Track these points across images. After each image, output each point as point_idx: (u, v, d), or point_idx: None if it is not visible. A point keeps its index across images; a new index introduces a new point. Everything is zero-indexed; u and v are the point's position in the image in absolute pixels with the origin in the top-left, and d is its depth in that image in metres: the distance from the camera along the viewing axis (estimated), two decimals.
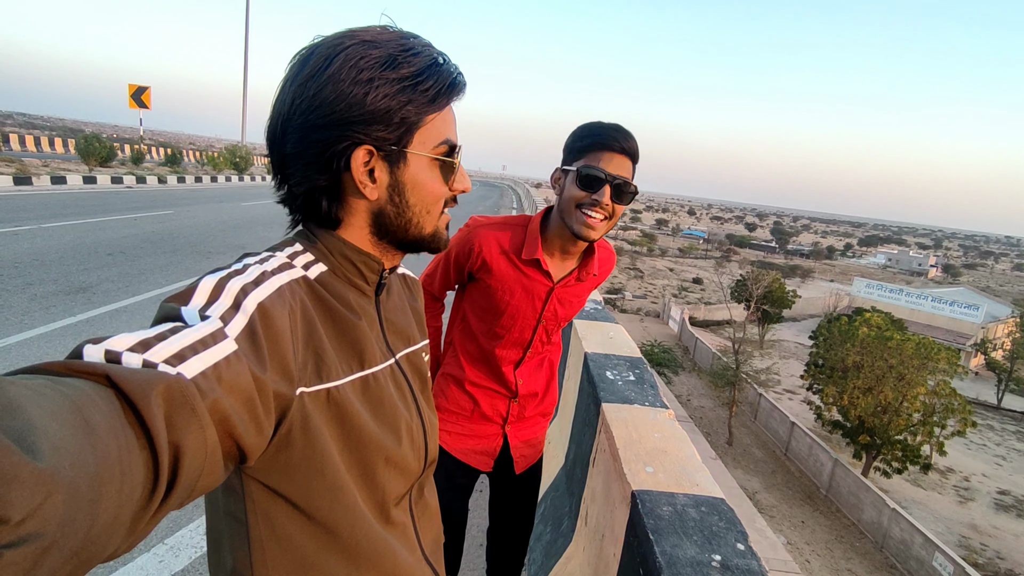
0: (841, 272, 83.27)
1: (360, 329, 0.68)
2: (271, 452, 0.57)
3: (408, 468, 0.72)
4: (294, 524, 0.62)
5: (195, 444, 0.43)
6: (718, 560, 1.11)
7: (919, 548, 17.03)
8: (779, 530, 18.03)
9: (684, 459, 1.56)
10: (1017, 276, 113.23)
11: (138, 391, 0.39)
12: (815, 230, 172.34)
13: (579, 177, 1.29)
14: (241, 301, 0.53)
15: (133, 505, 0.37)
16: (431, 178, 0.69)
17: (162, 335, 0.46)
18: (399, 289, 0.84)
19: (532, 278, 1.40)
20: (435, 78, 0.66)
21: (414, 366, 0.80)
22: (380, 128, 0.64)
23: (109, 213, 10.48)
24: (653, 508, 1.28)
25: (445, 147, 0.69)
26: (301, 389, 0.58)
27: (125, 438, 0.37)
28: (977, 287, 73.19)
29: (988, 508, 22.15)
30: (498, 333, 1.45)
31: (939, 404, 22.27)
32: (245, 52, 27.20)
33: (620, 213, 1.33)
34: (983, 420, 29.01)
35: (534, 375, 1.55)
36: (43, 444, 0.30)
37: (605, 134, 1.28)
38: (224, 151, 25.88)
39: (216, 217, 11.83)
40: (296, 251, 0.66)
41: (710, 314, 46.03)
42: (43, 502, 0.29)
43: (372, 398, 0.68)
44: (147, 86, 20.27)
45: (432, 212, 0.70)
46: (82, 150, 17.91)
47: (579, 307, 1.52)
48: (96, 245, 7.52)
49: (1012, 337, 38.43)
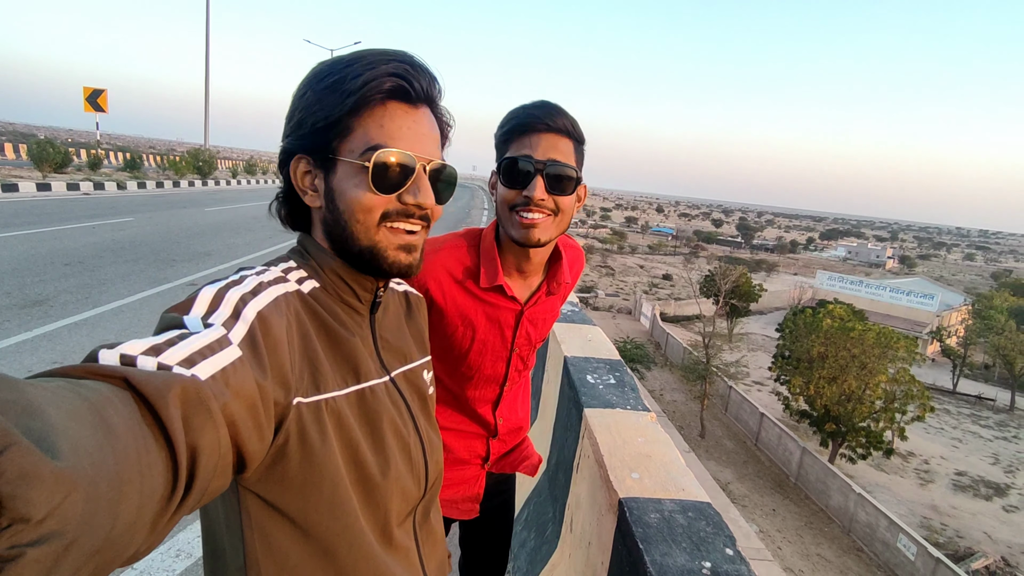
0: (804, 265, 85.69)
1: (353, 344, 0.68)
2: (267, 463, 0.57)
3: (407, 489, 0.71)
4: (291, 541, 0.61)
5: (211, 445, 0.43)
6: (708, 567, 1.12)
7: (884, 531, 17.66)
8: (751, 519, 18.46)
9: (669, 463, 1.58)
10: (968, 265, 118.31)
11: (156, 393, 0.40)
12: (779, 225, 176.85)
13: (504, 173, 1.06)
14: (241, 310, 0.54)
15: (154, 505, 0.38)
16: (356, 184, 0.65)
17: (171, 341, 0.47)
18: (396, 307, 0.83)
19: (497, 305, 1.17)
20: (355, 80, 0.63)
21: (412, 384, 0.79)
22: (309, 137, 0.66)
23: (65, 221, 10.05)
24: (641, 516, 1.29)
25: (371, 153, 0.65)
26: (298, 399, 0.58)
27: (143, 439, 0.38)
28: (931, 277, 76.22)
29: (947, 489, 23.12)
30: (466, 374, 1.22)
31: (899, 391, 23.17)
32: (206, 53, 26.44)
33: (569, 207, 1.09)
34: (940, 405, 30.23)
35: (515, 409, 1.35)
36: (63, 444, 0.30)
37: (524, 114, 1.05)
38: (186, 155, 25.19)
39: (179, 223, 11.48)
40: (290, 267, 0.68)
41: (680, 309, 46.81)
42: (63, 501, 0.29)
43: (369, 413, 0.67)
44: (103, 89, 19.59)
45: (363, 222, 0.66)
46: (35, 156, 17.20)
47: (552, 322, 1.31)
48: (52, 255, 7.21)
49: (965, 324, 40.16)
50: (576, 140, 1.08)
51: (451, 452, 1.28)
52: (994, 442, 28.42)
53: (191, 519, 2.56)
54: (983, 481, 23.86)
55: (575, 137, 1.07)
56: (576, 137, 1.08)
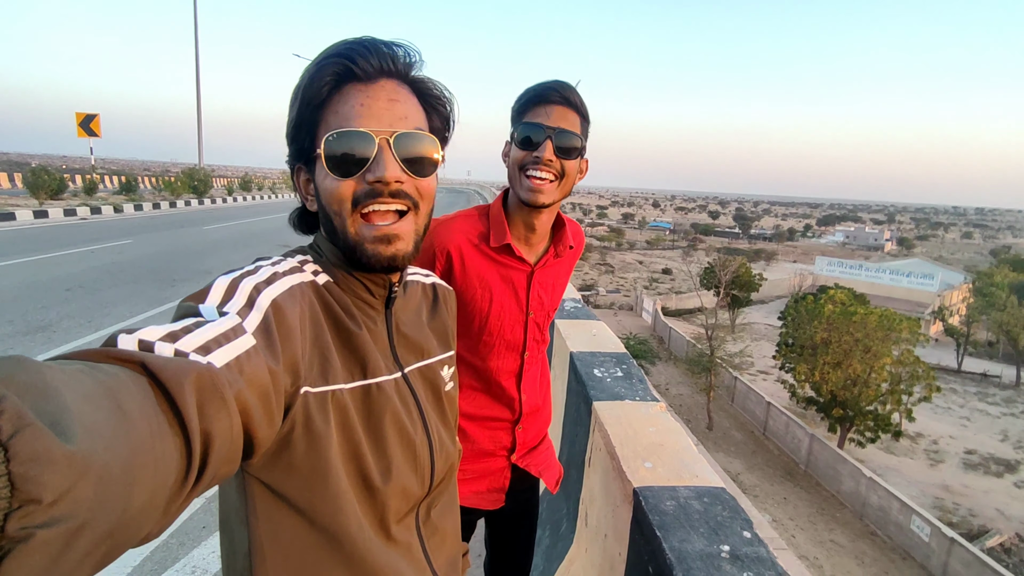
0: (803, 252, 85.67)
1: (363, 339, 0.68)
2: (273, 450, 0.58)
3: (409, 486, 0.70)
4: (294, 529, 0.61)
5: (224, 432, 0.44)
6: (727, 550, 1.13)
7: (897, 513, 17.64)
8: (763, 508, 18.45)
9: (681, 451, 1.59)
10: (966, 244, 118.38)
11: (173, 379, 0.40)
12: (775, 213, 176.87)
13: (519, 136, 1.20)
14: (255, 298, 0.55)
15: (167, 490, 0.38)
16: (324, 176, 0.65)
17: (187, 328, 0.48)
18: (419, 300, 0.83)
19: (509, 266, 1.29)
20: (307, 77, 0.65)
21: (427, 380, 0.78)
22: (294, 146, 0.69)
23: (64, 247, 10.07)
24: (656, 504, 1.30)
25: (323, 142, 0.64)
26: (306, 388, 0.59)
27: (158, 424, 0.38)
28: (930, 257, 76.27)
29: (957, 468, 23.08)
30: (487, 341, 1.31)
31: (905, 372, 23.14)
32: (196, 71, 26.48)
33: (573, 173, 1.22)
34: (946, 384, 30.18)
35: (536, 387, 1.41)
36: (77, 427, 0.31)
37: (542, 87, 1.20)
38: (181, 175, 25.17)
39: (178, 243, 11.51)
40: (306, 259, 0.69)
41: (681, 303, 46.80)
42: (75, 484, 0.29)
43: (372, 409, 0.67)
44: (96, 113, 19.60)
45: (340, 213, 0.65)
46: (30, 184, 17.19)
47: (561, 291, 1.42)
48: (53, 281, 7.22)
49: (966, 302, 40.15)
50: (583, 116, 1.21)
51: (476, 443, 1.33)
52: (1002, 419, 28.37)
53: (204, 536, 2.59)
54: (993, 458, 23.81)
55: (582, 113, 1.21)
56: (583, 114, 1.21)
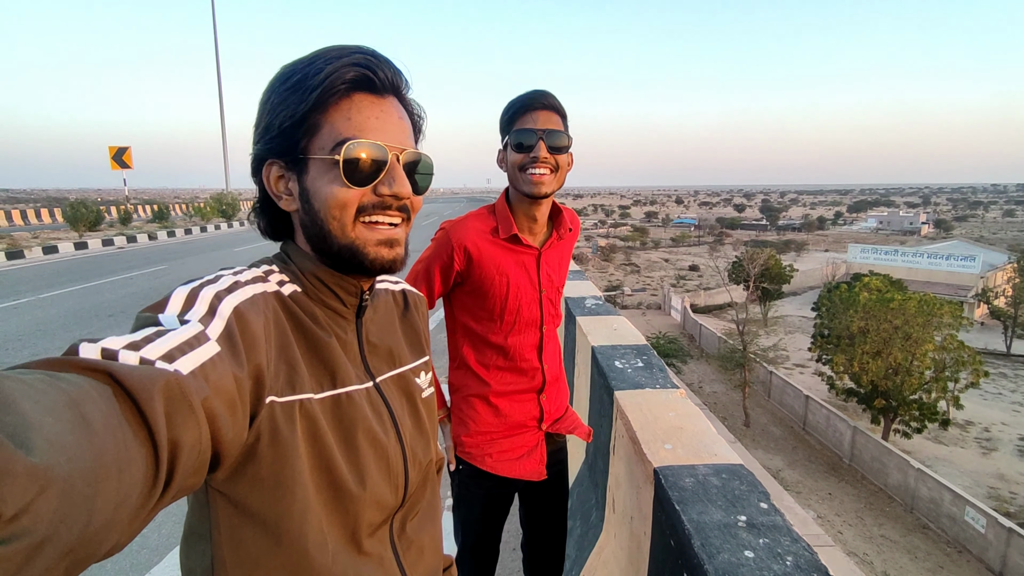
0: (835, 241, 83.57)
1: (332, 348, 0.67)
2: (239, 462, 0.56)
3: (382, 497, 0.68)
4: (260, 546, 0.59)
5: (192, 441, 0.43)
6: (744, 520, 1.15)
7: (949, 505, 16.98)
8: (807, 505, 17.96)
9: (700, 433, 1.61)
10: (1009, 222, 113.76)
11: (140, 387, 0.39)
12: (803, 203, 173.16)
13: (513, 142, 1.38)
14: (216, 306, 0.54)
15: (132, 501, 0.36)
16: (329, 181, 0.64)
17: (149, 337, 0.46)
18: (389, 308, 0.81)
19: (519, 251, 1.48)
20: (317, 75, 0.62)
21: (401, 389, 0.76)
22: (277, 140, 0.65)
23: (104, 276, 10.56)
24: (676, 481, 1.33)
25: (341, 147, 0.63)
26: (272, 398, 0.57)
27: (123, 434, 0.36)
28: (971, 238, 73.51)
29: (1012, 456, 22.10)
30: (509, 320, 1.48)
31: (949, 358, 22.30)
32: (220, 96, 27.42)
33: (564, 165, 1.41)
34: (995, 369, 29.03)
35: (555, 356, 1.59)
36: (38, 439, 0.29)
37: (525, 97, 1.38)
38: (210, 200, 26.03)
39: (211, 266, 11.86)
40: (271, 270, 0.67)
41: (711, 299, 46.10)
42: (36, 498, 0.28)
43: (343, 419, 0.65)
44: (127, 146, 20.58)
45: (339, 219, 0.65)
46: (70, 217, 18.06)
47: (566, 268, 1.61)
48: (96, 308, 7.58)
49: (1012, 283, 38.57)
50: (563, 116, 1.41)
51: (508, 416, 1.50)
52: None
53: (175, 546, 2.63)
54: None
55: (562, 114, 1.41)
56: (563, 114, 1.42)
